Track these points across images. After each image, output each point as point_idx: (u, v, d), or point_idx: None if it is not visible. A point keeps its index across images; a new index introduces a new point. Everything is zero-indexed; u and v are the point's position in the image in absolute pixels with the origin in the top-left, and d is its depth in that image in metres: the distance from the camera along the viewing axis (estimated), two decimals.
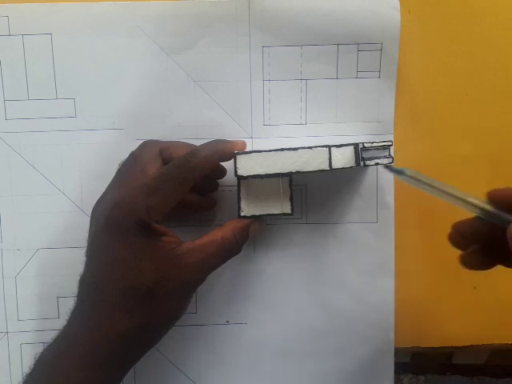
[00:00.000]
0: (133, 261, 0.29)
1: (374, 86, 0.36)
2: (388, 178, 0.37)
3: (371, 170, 0.37)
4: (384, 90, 0.36)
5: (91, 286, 0.30)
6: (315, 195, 0.37)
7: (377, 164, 0.31)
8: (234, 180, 0.32)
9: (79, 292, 0.30)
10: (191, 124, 0.36)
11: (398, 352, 0.38)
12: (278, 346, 0.37)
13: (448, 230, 0.37)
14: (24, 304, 0.37)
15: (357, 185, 0.37)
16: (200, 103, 0.36)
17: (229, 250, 0.31)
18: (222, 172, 0.35)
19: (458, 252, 0.38)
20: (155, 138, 0.35)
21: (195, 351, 0.37)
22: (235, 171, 0.31)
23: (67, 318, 0.30)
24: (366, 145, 0.31)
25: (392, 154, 0.32)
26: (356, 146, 0.31)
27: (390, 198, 0.37)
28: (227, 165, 0.34)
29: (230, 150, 0.32)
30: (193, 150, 0.31)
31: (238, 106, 0.36)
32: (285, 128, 0.36)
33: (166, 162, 0.32)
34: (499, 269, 0.38)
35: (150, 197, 0.29)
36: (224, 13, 0.35)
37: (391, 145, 0.31)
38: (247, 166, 0.31)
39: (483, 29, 0.36)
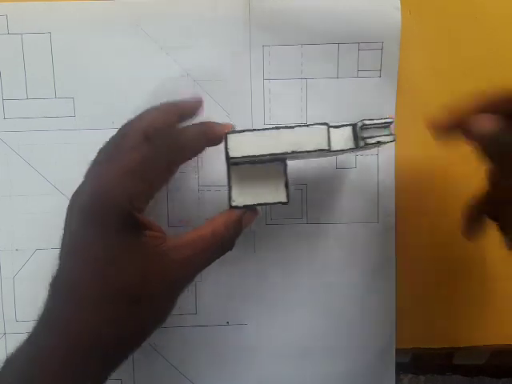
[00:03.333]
0: (113, 258, 0.26)
1: (375, 85, 0.36)
2: (389, 178, 0.37)
3: (372, 170, 0.37)
4: (385, 89, 0.36)
5: (66, 287, 0.27)
6: (316, 195, 0.37)
7: (378, 142, 0.28)
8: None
9: (50, 296, 0.27)
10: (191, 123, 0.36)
11: (399, 352, 0.38)
12: (277, 347, 0.37)
13: (448, 230, 0.37)
14: (22, 305, 0.36)
15: (358, 185, 0.37)
16: None
17: (221, 246, 0.29)
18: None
19: (461, 253, 0.38)
20: None
21: (195, 352, 0.37)
22: (226, 153, 0.28)
23: (33, 326, 0.27)
24: (366, 122, 0.28)
25: (393, 132, 0.29)
26: (354, 125, 0.29)
27: (391, 198, 0.37)
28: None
29: (218, 132, 0.29)
30: (179, 132, 0.29)
31: (238, 105, 0.36)
32: None
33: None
34: (500, 270, 0.38)
35: (131, 182, 0.26)
36: (224, 12, 0.35)
37: (392, 122, 0.29)
38: (240, 146, 0.28)
39: (484, 28, 0.36)
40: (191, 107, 0.32)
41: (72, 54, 0.35)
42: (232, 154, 0.28)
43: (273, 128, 0.28)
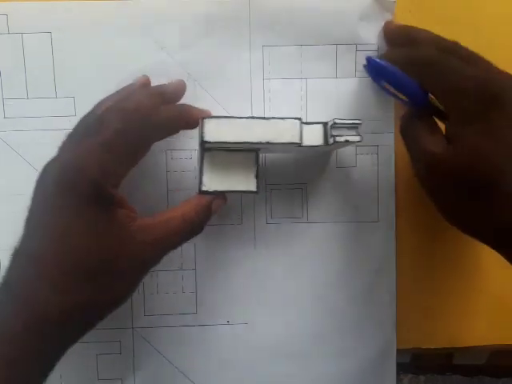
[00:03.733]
0: (81, 232, 0.26)
1: (373, 84, 0.36)
2: (389, 177, 0.37)
3: (372, 169, 0.37)
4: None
5: (29, 259, 0.26)
6: (316, 194, 0.37)
7: (346, 141, 0.30)
8: None
9: (10, 268, 0.27)
10: None
11: (399, 352, 0.38)
12: (278, 346, 0.37)
13: (448, 230, 0.37)
14: None
15: (358, 183, 0.37)
16: (201, 102, 0.35)
17: (190, 230, 0.29)
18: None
19: (461, 253, 0.38)
20: None
21: (195, 351, 0.37)
22: (201, 137, 0.29)
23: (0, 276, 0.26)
24: (336, 121, 0.30)
25: (360, 133, 0.31)
26: (325, 124, 0.31)
27: (391, 197, 0.37)
28: None
29: (195, 116, 0.30)
30: (156, 110, 0.29)
31: (238, 105, 0.36)
32: None
33: None
34: (500, 270, 0.38)
35: (106, 155, 0.26)
36: (224, 12, 0.35)
37: (360, 124, 0.30)
38: (215, 131, 0.29)
39: (483, 29, 0.37)
40: (175, 90, 0.33)
41: (72, 54, 0.35)
42: (207, 138, 0.29)
43: (249, 117, 0.29)
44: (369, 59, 0.33)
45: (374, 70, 0.33)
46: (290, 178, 0.37)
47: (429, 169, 0.29)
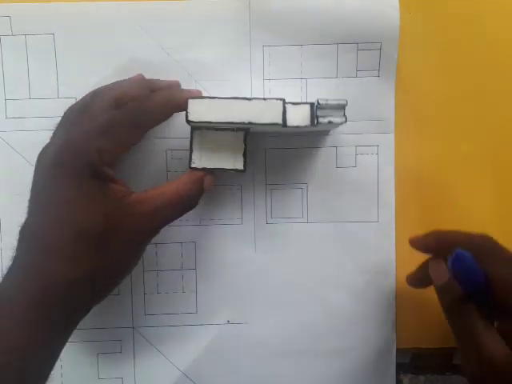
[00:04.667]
0: (81, 204, 0.27)
1: (374, 84, 0.36)
2: (389, 177, 0.37)
3: (372, 169, 0.37)
4: (383, 88, 0.36)
5: (34, 233, 0.28)
6: (316, 194, 0.37)
7: (330, 122, 0.30)
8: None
9: (19, 243, 0.28)
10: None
11: (399, 352, 0.38)
12: (278, 346, 0.37)
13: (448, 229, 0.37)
14: None
15: (358, 184, 0.37)
16: None
17: (183, 203, 0.30)
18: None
19: None
20: (156, 138, 0.36)
21: (195, 351, 0.37)
22: (186, 116, 0.30)
23: (2, 275, 0.28)
24: (320, 101, 0.30)
25: (346, 115, 0.31)
26: (312, 104, 0.31)
27: (391, 198, 0.37)
28: None
29: (184, 98, 0.30)
30: (147, 96, 0.30)
31: None
32: None
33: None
34: None
35: (101, 138, 0.28)
36: (225, 12, 0.35)
37: (346, 104, 0.30)
38: (199, 111, 0.30)
39: (483, 28, 0.36)
40: (167, 86, 0.33)
41: (74, 55, 0.36)
42: (190, 117, 0.30)
43: (231, 98, 0.30)
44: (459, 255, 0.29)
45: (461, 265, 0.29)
46: (290, 177, 0.37)
47: (485, 372, 0.28)
